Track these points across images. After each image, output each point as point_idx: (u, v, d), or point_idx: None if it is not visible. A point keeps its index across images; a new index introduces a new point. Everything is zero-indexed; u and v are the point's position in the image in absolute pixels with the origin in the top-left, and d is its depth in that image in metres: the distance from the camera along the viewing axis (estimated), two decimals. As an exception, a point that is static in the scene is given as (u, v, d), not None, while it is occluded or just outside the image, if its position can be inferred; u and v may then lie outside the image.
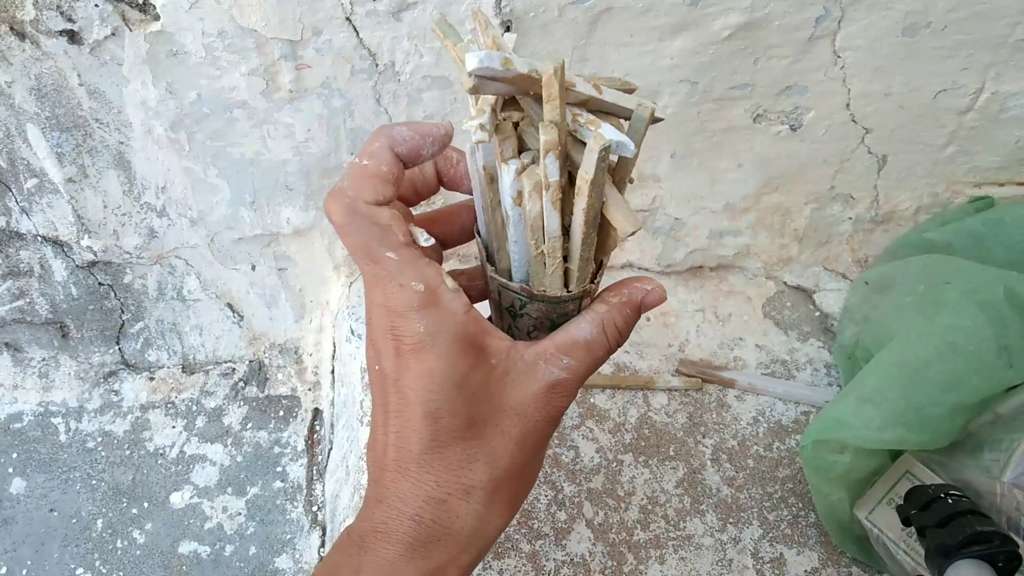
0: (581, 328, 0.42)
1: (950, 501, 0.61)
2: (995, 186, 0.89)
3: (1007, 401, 0.69)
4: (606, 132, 0.37)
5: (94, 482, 0.86)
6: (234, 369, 0.94)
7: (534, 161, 0.39)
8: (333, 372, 0.91)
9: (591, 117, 0.39)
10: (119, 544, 0.82)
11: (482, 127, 0.38)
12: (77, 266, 0.85)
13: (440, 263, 0.46)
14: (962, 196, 0.89)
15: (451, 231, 0.47)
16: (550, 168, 0.38)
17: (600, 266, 0.43)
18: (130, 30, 0.68)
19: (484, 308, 0.46)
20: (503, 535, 0.72)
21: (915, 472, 0.70)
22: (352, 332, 0.85)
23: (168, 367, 0.94)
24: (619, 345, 0.43)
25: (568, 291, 0.42)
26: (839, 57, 0.76)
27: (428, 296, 0.39)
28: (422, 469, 0.40)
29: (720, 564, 0.72)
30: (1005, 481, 0.64)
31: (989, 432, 0.69)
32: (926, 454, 0.71)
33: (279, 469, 0.88)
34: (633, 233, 0.39)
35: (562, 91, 0.36)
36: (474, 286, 0.48)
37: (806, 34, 0.74)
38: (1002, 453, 0.66)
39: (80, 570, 0.81)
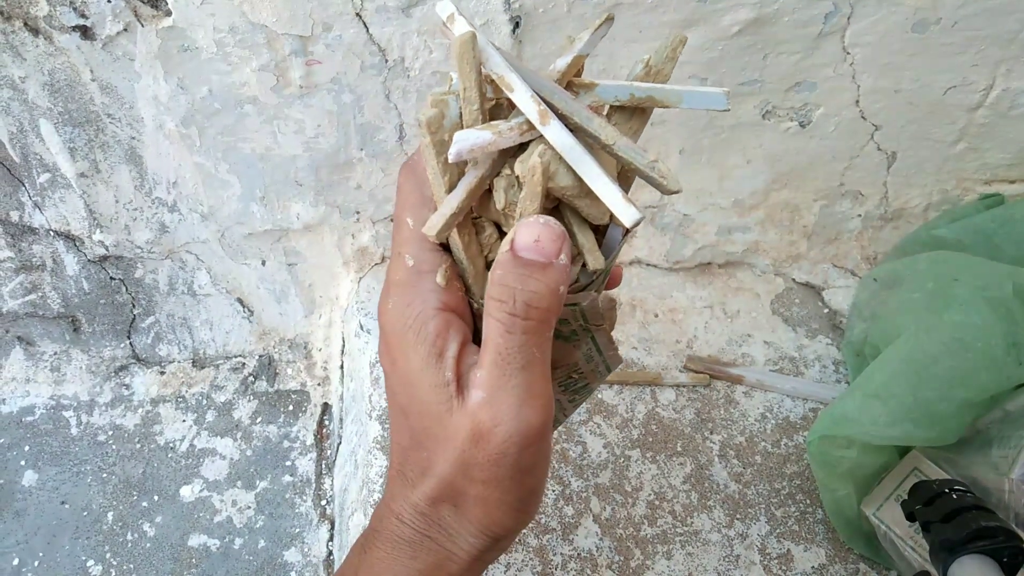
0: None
1: (954, 496, 0.60)
2: (1005, 183, 0.89)
3: (1016, 398, 0.69)
4: (459, 137, 0.34)
5: (105, 475, 0.87)
6: (244, 364, 0.95)
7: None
8: (342, 367, 0.91)
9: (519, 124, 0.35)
10: (129, 536, 0.83)
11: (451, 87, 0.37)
12: (89, 260, 0.86)
13: None
14: (972, 193, 0.89)
15: None
16: (423, 138, 0.36)
17: None
18: (142, 26, 0.68)
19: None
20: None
21: (923, 469, 0.70)
22: (361, 327, 0.85)
23: (178, 361, 0.94)
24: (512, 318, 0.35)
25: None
26: (848, 53, 0.76)
27: (412, 275, 0.38)
28: (404, 465, 0.39)
29: (727, 560, 0.72)
30: (1013, 478, 0.64)
31: (998, 429, 0.69)
32: (934, 451, 0.71)
33: (288, 463, 0.88)
34: (435, 237, 0.36)
35: (465, 65, 0.34)
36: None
37: (815, 30, 0.74)
38: (1011, 450, 0.66)
39: (91, 562, 0.81)
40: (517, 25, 0.71)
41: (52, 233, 0.83)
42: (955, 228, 0.83)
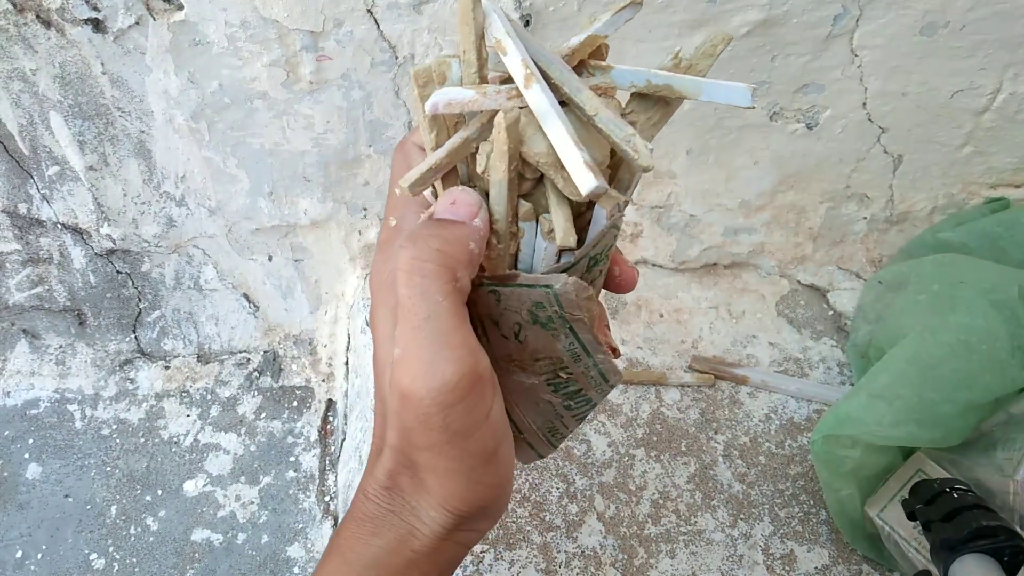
0: None
1: (955, 495, 0.61)
2: (1011, 187, 0.89)
3: (1021, 401, 0.69)
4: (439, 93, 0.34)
5: (109, 469, 0.87)
6: (249, 359, 0.95)
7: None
8: (347, 363, 0.91)
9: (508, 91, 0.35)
10: (132, 530, 0.83)
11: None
12: (96, 254, 0.86)
13: None
14: (978, 197, 0.89)
15: None
16: (413, 90, 0.36)
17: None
18: (154, 19, 0.69)
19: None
20: (515, 526, 0.72)
21: (927, 470, 0.70)
22: (367, 323, 0.85)
23: (184, 356, 0.94)
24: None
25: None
26: (856, 56, 0.76)
27: (393, 234, 0.38)
28: (381, 439, 0.38)
29: (730, 560, 0.72)
30: (1018, 480, 0.64)
31: (1003, 431, 0.69)
32: (939, 452, 0.71)
33: (292, 459, 0.88)
34: (408, 190, 0.36)
35: (465, 27, 0.34)
36: None
37: (824, 32, 0.74)
38: (1015, 452, 0.66)
39: (94, 555, 0.81)
40: (527, 23, 0.71)
41: (60, 226, 0.84)
42: (961, 232, 0.83)
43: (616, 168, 0.37)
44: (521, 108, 0.34)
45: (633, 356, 0.85)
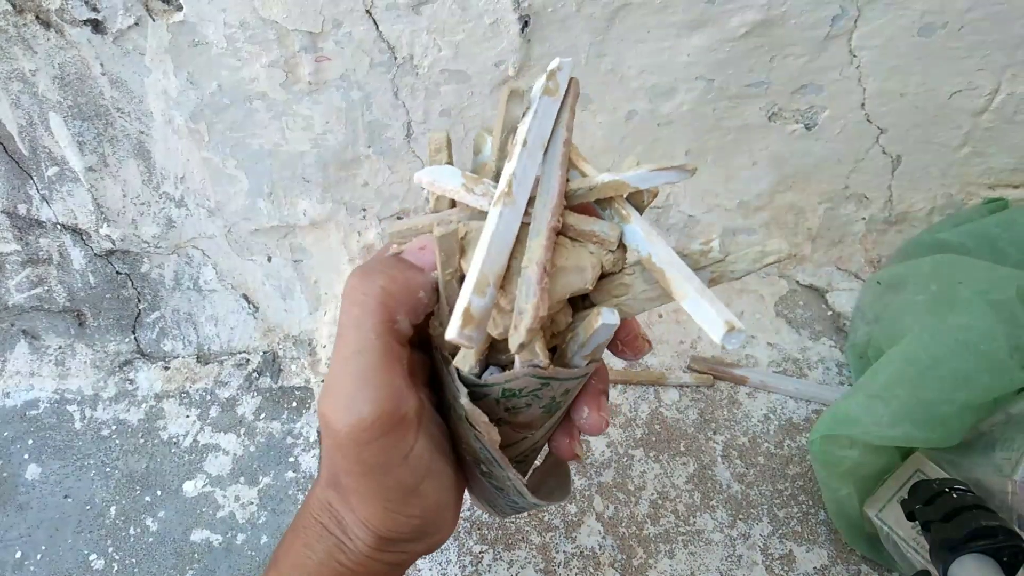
0: None
1: (955, 496, 0.61)
2: (1009, 188, 0.89)
3: (1019, 401, 0.69)
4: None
5: (108, 469, 0.87)
6: (248, 360, 0.95)
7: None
8: (346, 364, 0.91)
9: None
10: (132, 531, 0.83)
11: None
12: (95, 255, 0.86)
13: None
14: (976, 198, 0.89)
15: None
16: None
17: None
18: (153, 20, 0.69)
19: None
20: (514, 527, 0.72)
21: (926, 470, 0.70)
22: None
23: (183, 357, 0.94)
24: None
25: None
26: (855, 56, 0.76)
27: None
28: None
29: (729, 560, 0.72)
30: (1017, 480, 0.64)
31: (1001, 431, 0.69)
32: (937, 452, 0.71)
33: (291, 459, 0.88)
34: (390, 237, 0.36)
35: (499, 117, 0.33)
36: None
37: (822, 33, 0.74)
38: (1014, 452, 0.66)
39: (93, 556, 0.81)
40: (526, 24, 0.71)
41: (59, 227, 0.84)
42: (959, 232, 0.83)
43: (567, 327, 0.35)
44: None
45: (632, 356, 0.85)
